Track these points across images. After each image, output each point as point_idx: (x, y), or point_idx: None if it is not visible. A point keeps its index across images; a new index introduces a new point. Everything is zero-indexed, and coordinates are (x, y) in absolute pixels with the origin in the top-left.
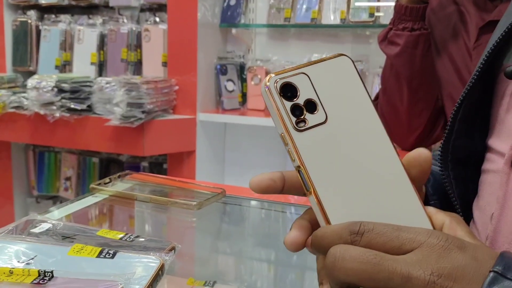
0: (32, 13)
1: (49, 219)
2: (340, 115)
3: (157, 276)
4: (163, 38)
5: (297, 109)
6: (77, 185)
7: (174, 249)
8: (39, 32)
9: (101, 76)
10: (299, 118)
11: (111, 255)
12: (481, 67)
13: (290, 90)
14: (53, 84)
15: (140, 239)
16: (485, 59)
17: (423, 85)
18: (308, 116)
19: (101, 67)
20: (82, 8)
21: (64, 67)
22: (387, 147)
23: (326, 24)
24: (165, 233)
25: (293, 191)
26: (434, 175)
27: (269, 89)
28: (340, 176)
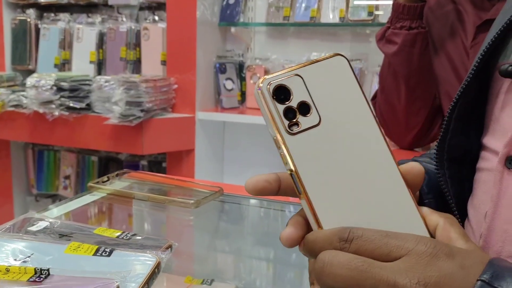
0: (31, 12)
1: (46, 217)
2: (334, 117)
3: (153, 274)
4: (162, 37)
5: (290, 112)
6: (76, 184)
7: (170, 247)
8: (38, 31)
9: (100, 74)
10: (291, 121)
11: (107, 253)
12: (477, 65)
13: (283, 92)
14: (52, 83)
15: (137, 237)
16: (480, 57)
17: (420, 83)
18: (301, 119)
19: (100, 66)
20: (81, 7)
21: (63, 65)
22: (382, 149)
23: (325, 23)
24: (162, 231)
25: (288, 192)
26: (429, 174)
27: (261, 92)
28: (333, 179)
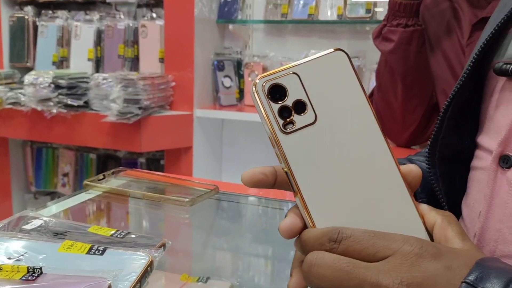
0: (29, 9)
1: (41, 216)
2: (331, 115)
3: (146, 272)
4: (160, 34)
5: (285, 110)
6: (74, 181)
7: (164, 245)
8: (36, 28)
9: (98, 72)
10: (286, 120)
11: (100, 251)
12: (471, 65)
13: (278, 91)
14: (50, 80)
15: (131, 236)
16: (475, 57)
17: (417, 81)
18: (296, 117)
19: (98, 63)
20: (79, 4)
21: (61, 63)
22: (380, 147)
23: (323, 20)
24: (157, 229)
25: (284, 186)
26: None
27: (256, 91)
28: (328, 178)
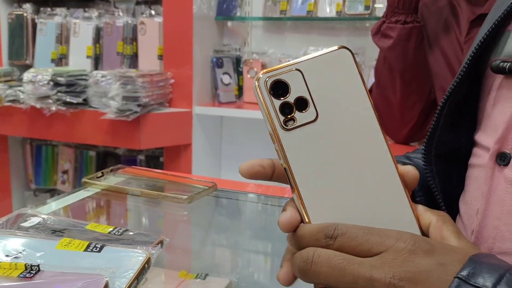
0: (28, 6)
1: (39, 213)
2: (332, 113)
3: (143, 269)
4: (159, 31)
5: (287, 107)
6: (74, 179)
7: (162, 242)
8: (35, 26)
9: (97, 69)
10: (287, 117)
11: (98, 249)
12: (468, 63)
13: (280, 87)
14: (49, 78)
15: (129, 233)
16: (472, 55)
17: (415, 77)
18: (298, 114)
19: (97, 61)
20: (77, 1)
21: (60, 60)
22: (379, 146)
23: (322, 17)
24: (156, 226)
25: (282, 179)
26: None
27: (258, 86)
28: (326, 176)
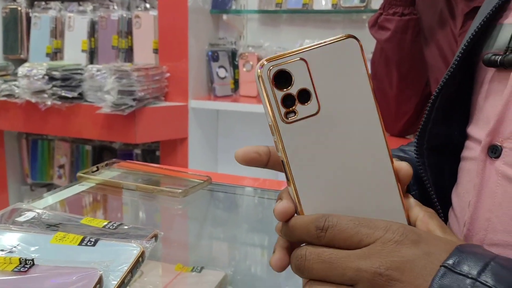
0: (22, 0)
1: (34, 208)
2: (334, 107)
3: (137, 263)
4: (154, 25)
5: (289, 99)
6: (70, 173)
7: (156, 236)
8: (29, 20)
9: (92, 63)
10: (289, 109)
11: (92, 243)
12: (460, 56)
13: (283, 78)
14: (44, 72)
15: (123, 227)
16: (464, 48)
17: (412, 70)
18: (299, 107)
19: (92, 55)
20: None
21: (55, 54)
22: (378, 142)
23: (318, 10)
24: (151, 220)
25: (277, 167)
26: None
27: (261, 76)
28: (323, 170)
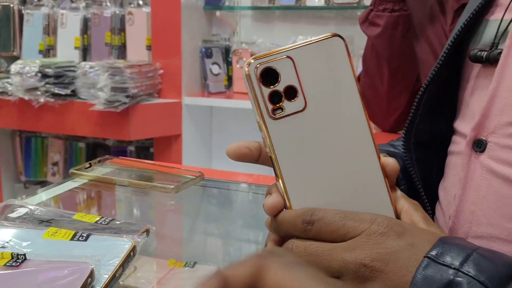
0: None
1: (27, 204)
2: (320, 103)
3: (128, 257)
4: (147, 21)
5: (276, 96)
6: (64, 170)
7: (147, 231)
8: (22, 17)
9: (85, 60)
10: (276, 105)
11: (84, 237)
12: (447, 52)
13: (270, 75)
14: (37, 69)
15: (115, 222)
16: (450, 44)
17: (402, 66)
18: (286, 103)
19: (85, 52)
20: None
21: (48, 51)
22: (364, 137)
23: (311, 6)
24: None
25: (267, 162)
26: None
27: (248, 73)
28: (310, 165)
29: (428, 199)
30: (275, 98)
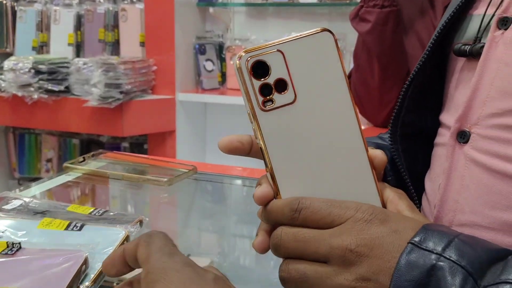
0: None
1: (21, 196)
2: (309, 96)
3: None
4: (140, 18)
5: (266, 88)
6: (58, 167)
7: (141, 222)
8: (15, 13)
9: (79, 57)
10: (266, 98)
11: (78, 227)
12: (431, 46)
13: (261, 68)
14: (30, 66)
15: (109, 213)
16: (435, 38)
17: (393, 61)
18: (276, 96)
19: (79, 48)
20: None
21: (41, 48)
22: (352, 129)
23: (304, 3)
24: (137, 209)
25: (259, 155)
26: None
27: (239, 66)
28: (299, 156)
29: (414, 190)
30: (265, 91)
